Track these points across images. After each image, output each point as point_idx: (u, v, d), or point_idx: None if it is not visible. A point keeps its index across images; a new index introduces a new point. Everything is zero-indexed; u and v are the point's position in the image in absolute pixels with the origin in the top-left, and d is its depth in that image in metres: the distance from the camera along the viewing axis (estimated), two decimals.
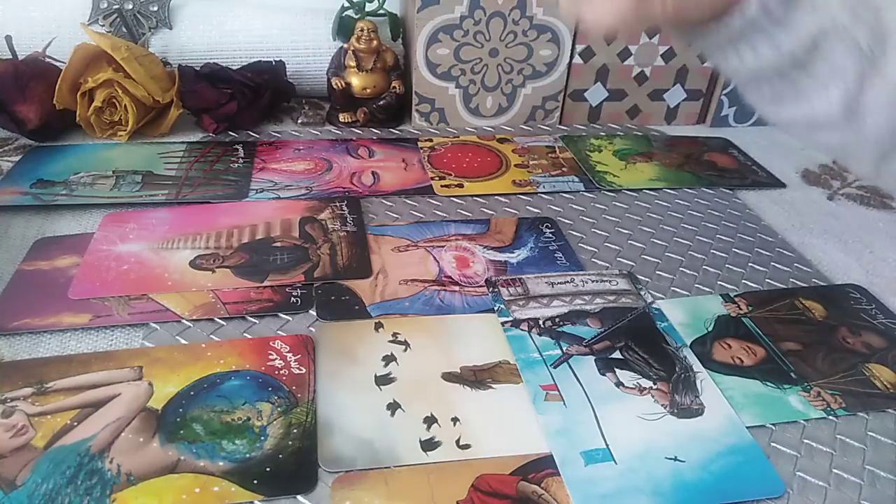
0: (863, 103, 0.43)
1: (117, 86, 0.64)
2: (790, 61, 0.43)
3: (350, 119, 0.73)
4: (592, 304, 0.48)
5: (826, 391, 0.43)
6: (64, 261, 0.50)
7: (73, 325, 0.44)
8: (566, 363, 0.43)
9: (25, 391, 0.39)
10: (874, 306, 0.50)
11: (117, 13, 0.72)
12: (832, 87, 0.43)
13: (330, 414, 0.39)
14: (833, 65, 0.43)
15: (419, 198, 0.61)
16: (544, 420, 0.39)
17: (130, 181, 0.60)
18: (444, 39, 0.70)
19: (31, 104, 0.63)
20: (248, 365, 0.41)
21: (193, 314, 0.45)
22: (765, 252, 0.56)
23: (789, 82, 0.44)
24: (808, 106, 0.45)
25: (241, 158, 0.65)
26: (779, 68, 0.43)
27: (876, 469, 0.38)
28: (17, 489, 0.33)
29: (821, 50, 0.42)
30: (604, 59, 0.75)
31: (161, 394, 0.39)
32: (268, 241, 0.53)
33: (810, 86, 0.44)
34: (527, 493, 0.35)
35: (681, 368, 0.43)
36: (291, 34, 0.75)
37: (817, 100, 0.44)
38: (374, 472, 0.36)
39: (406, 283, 0.50)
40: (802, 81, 0.44)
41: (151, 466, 0.35)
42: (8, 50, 0.67)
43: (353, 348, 0.43)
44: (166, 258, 0.50)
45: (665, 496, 0.35)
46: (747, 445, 0.38)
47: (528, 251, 0.54)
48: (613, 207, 0.62)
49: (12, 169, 0.61)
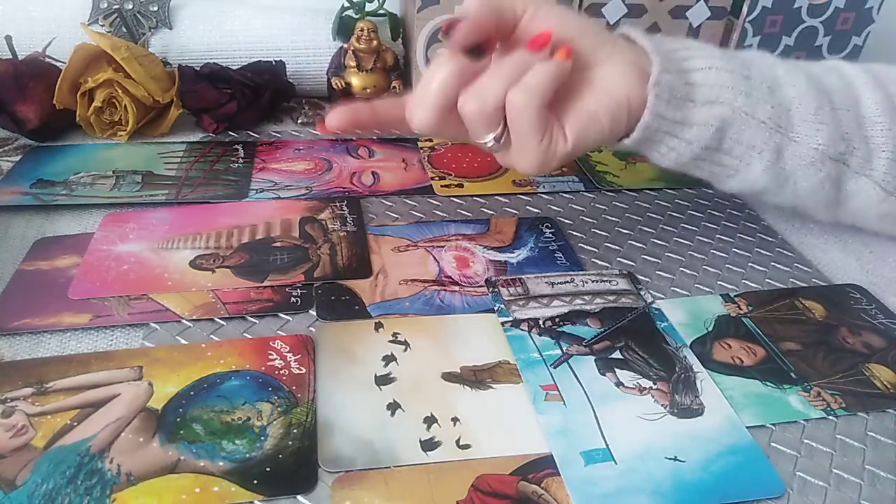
0: (787, 169, 0.48)
1: (117, 86, 0.64)
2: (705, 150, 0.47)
3: None
4: (592, 304, 0.48)
5: (826, 391, 0.43)
6: (64, 261, 0.50)
7: (73, 325, 0.44)
8: (566, 363, 0.43)
9: (25, 391, 0.39)
10: (874, 306, 0.50)
11: (117, 13, 0.72)
12: (753, 162, 0.48)
13: (330, 414, 0.39)
14: (746, 144, 0.47)
15: (419, 198, 0.61)
16: (544, 420, 0.39)
17: (130, 181, 0.60)
18: (444, 39, 0.70)
19: (31, 104, 0.63)
20: (248, 365, 0.41)
21: (193, 314, 0.45)
22: (765, 252, 0.56)
23: (714, 164, 0.48)
24: (740, 179, 0.49)
25: (241, 158, 0.65)
26: (698, 156, 0.47)
27: (876, 469, 0.38)
28: (17, 489, 0.33)
29: (730, 135, 0.47)
30: None
31: (161, 394, 0.39)
32: (268, 241, 0.53)
33: (734, 163, 0.48)
34: (527, 493, 0.35)
35: (681, 368, 0.43)
36: (291, 34, 0.75)
37: (745, 174, 0.48)
38: (374, 472, 0.36)
39: (406, 283, 0.50)
40: (725, 161, 0.48)
41: (151, 466, 0.35)
42: (8, 50, 0.67)
43: (353, 348, 0.43)
44: (166, 258, 0.50)
45: (665, 496, 0.35)
46: (747, 445, 0.38)
47: (528, 251, 0.54)
48: (613, 207, 0.62)
49: (12, 169, 0.61)
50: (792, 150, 0.47)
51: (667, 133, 0.45)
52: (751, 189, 0.50)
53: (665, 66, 0.43)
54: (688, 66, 0.45)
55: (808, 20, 0.72)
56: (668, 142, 0.46)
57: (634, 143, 0.46)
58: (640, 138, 0.45)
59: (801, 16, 0.72)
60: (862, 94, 0.48)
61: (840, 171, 0.48)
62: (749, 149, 0.46)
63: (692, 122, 0.45)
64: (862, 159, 0.48)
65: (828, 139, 0.46)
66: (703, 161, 0.48)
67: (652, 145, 0.47)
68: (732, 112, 0.45)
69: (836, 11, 0.72)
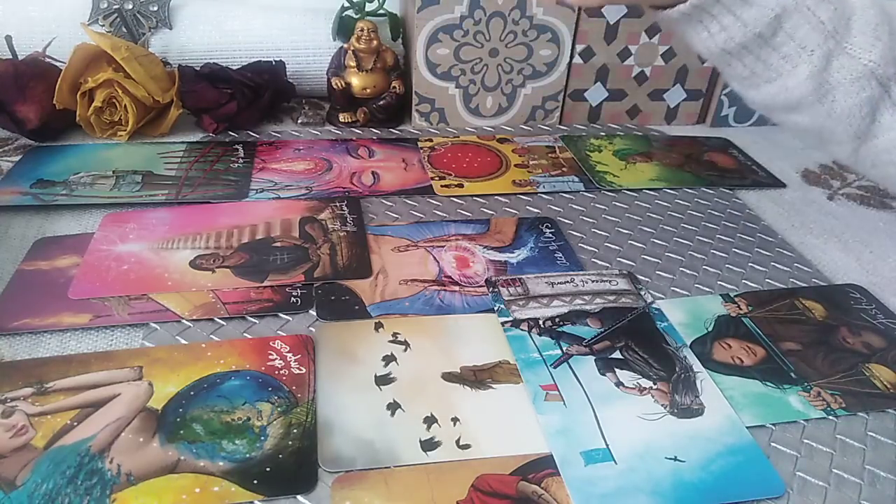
0: (830, 81, 0.46)
1: (117, 86, 0.64)
2: (757, 38, 0.44)
3: (350, 119, 0.73)
4: (592, 304, 0.48)
5: (826, 391, 0.43)
6: (64, 261, 0.50)
7: (73, 325, 0.44)
8: (566, 363, 0.43)
9: (25, 391, 0.39)
10: (874, 306, 0.50)
11: (117, 13, 0.72)
12: (800, 64, 0.45)
13: (330, 414, 0.39)
14: (799, 42, 0.44)
15: (419, 198, 0.61)
16: (544, 420, 0.39)
17: (130, 181, 0.60)
18: (444, 39, 0.70)
19: (31, 104, 0.63)
20: (248, 365, 0.41)
21: (193, 314, 0.45)
22: (765, 252, 0.56)
23: (759, 60, 0.46)
24: (780, 84, 0.46)
25: (241, 158, 0.65)
26: (747, 45, 0.45)
27: (876, 469, 0.38)
28: (17, 489, 0.33)
29: (785, 28, 0.44)
30: (604, 59, 0.75)
31: (161, 394, 0.39)
32: (268, 241, 0.53)
33: (779, 63, 0.45)
34: (527, 493, 0.35)
35: (681, 368, 0.43)
36: (291, 34, 0.75)
37: (787, 77, 0.46)
38: (374, 472, 0.36)
39: (406, 283, 0.50)
40: (771, 58, 0.45)
41: (151, 466, 0.35)
42: (8, 50, 0.67)
43: (353, 348, 0.43)
44: (166, 258, 0.50)
45: (665, 496, 0.35)
46: (747, 445, 0.38)
47: (528, 251, 0.54)
48: (613, 207, 0.62)
49: (12, 169, 0.61)
50: (841, 61, 0.45)
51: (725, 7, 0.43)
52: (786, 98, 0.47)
53: None
54: None
55: None
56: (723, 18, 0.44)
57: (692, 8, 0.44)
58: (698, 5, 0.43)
59: None
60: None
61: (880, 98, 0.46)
62: (800, 48, 0.44)
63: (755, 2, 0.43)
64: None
65: (879, 57, 0.45)
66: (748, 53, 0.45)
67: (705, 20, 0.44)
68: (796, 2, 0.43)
69: None
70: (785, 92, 0.47)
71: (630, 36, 0.74)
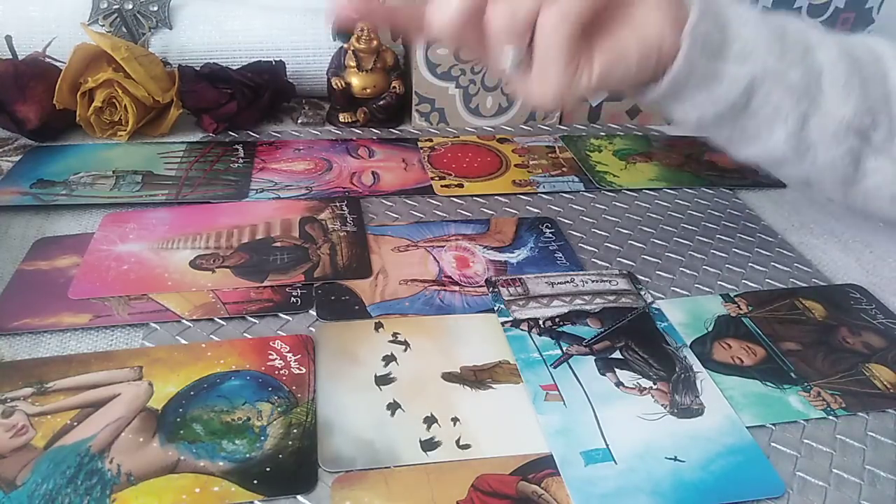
0: (809, 139, 0.47)
1: (117, 86, 0.64)
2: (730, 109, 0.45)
3: (350, 119, 0.73)
4: (592, 304, 0.48)
5: (826, 391, 0.43)
6: (64, 261, 0.50)
7: (73, 325, 0.44)
8: (566, 363, 0.43)
9: (25, 391, 0.39)
10: (874, 306, 0.50)
11: (117, 13, 0.72)
12: (776, 128, 0.46)
13: (330, 414, 0.39)
14: (773, 108, 0.46)
15: (419, 198, 0.61)
16: (544, 420, 0.39)
17: (130, 181, 0.60)
18: None
19: (31, 104, 0.63)
20: (248, 365, 0.41)
21: (193, 314, 0.45)
22: (765, 252, 0.56)
23: (735, 127, 0.47)
24: (761, 145, 0.47)
25: (241, 158, 0.65)
26: (722, 115, 0.46)
27: (876, 469, 0.38)
28: (17, 489, 0.33)
29: (758, 96, 0.45)
30: None
31: (161, 394, 0.39)
32: (268, 241, 0.53)
33: (756, 128, 0.46)
34: (527, 493, 0.35)
35: (681, 368, 0.43)
36: (291, 34, 0.75)
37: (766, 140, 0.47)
38: (374, 472, 0.36)
39: (406, 283, 0.50)
40: (748, 125, 0.46)
41: (151, 466, 0.35)
42: (8, 50, 0.67)
43: (353, 348, 0.43)
44: (166, 258, 0.50)
45: (665, 496, 0.35)
46: (747, 445, 0.38)
47: (528, 251, 0.54)
48: (613, 207, 0.62)
49: (12, 169, 0.61)
50: (817, 119, 0.45)
51: (696, 87, 0.44)
52: (768, 157, 0.48)
53: (704, 14, 0.42)
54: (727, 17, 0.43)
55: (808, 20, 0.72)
56: (694, 96, 0.44)
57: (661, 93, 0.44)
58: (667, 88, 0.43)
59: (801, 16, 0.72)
60: (891, 70, 0.47)
61: (861, 147, 0.47)
62: (775, 113, 0.45)
63: (723, 76, 0.43)
64: (885, 135, 0.46)
65: (855, 110, 0.45)
66: (726, 122, 0.46)
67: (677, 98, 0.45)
68: (764, 71, 0.43)
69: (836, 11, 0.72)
70: (766, 152, 0.47)
71: None
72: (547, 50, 0.39)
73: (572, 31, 0.38)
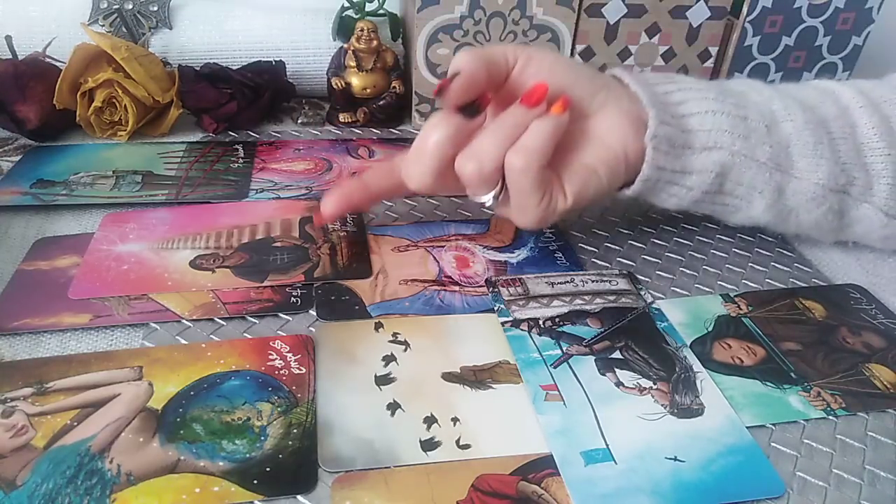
0: (789, 204, 0.49)
1: (117, 86, 0.64)
2: (706, 194, 0.47)
3: (350, 119, 0.73)
4: (592, 304, 0.48)
5: (826, 391, 0.43)
6: (64, 261, 0.50)
7: (73, 325, 0.44)
8: (566, 363, 0.43)
9: (25, 391, 0.39)
10: (874, 306, 0.50)
11: (117, 13, 0.72)
12: (754, 201, 0.48)
13: (330, 414, 0.39)
14: (747, 186, 0.48)
15: (419, 198, 0.61)
16: (544, 420, 0.39)
17: (130, 181, 0.60)
18: (444, 39, 0.70)
19: (31, 104, 0.63)
20: (248, 365, 0.41)
21: (193, 314, 0.45)
22: (765, 252, 0.56)
23: (715, 206, 0.49)
24: (743, 217, 0.50)
25: (241, 158, 0.65)
26: (699, 200, 0.48)
27: (876, 469, 0.38)
28: (17, 489, 0.33)
29: (731, 179, 0.47)
30: (604, 59, 0.75)
31: (161, 394, 0.39)
32: (268, 241, 0.53)
33: (735, 203, 0.48)
34: (527, 493, 0.35)
35: (681, 368, 0.43)
36: (291, 34, 0.75)
37: (748, 212, 0.49)
38: (374, 472, 0.36)
39: (406, 283, 0.50)
40: (727, 203, 0.49)
41: (151, 466, 0.35)
42: (8, 50, 0.67)
43: (353, 348, 0.43)
44: (166, 258, 0.50)
45: (665, 496, 0.35)
46: (747, 445, 0.38)
47: (528, 251, 0.54)
48: (613, 207, 0.62)
49: (12, 169, 0.61)
50: (793, 187, 0.46)
51: (668, 182, 0.46)
52: (754, 224, 0.50)
53: (662, 117, 0.43)
54: (684, 112, 0.45)
55: (808, 20, 0.72)
56: (668, 189, 0.46)
57: (634, 193, 0.46)
58: (640, 190, 0.46)
59: (801, 16, 0.72)
60: (858, 120, 0.48)
61: (842, 201, 0.48)
62: (750, 189, 0.46)
63: (691, 169, 0.45)
64: (863, 187, 0.48)
65: (828, 173, 0.46)
66: (704, 203, 0.48)
67: (653, 194, 0.47)
68: (731, 156, 0.45)
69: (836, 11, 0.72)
70: (751, 220, 0.50)
71: (630, 36, 0.74)
72: (520, 189, 0.41)
73: (539, 168, 0.41)
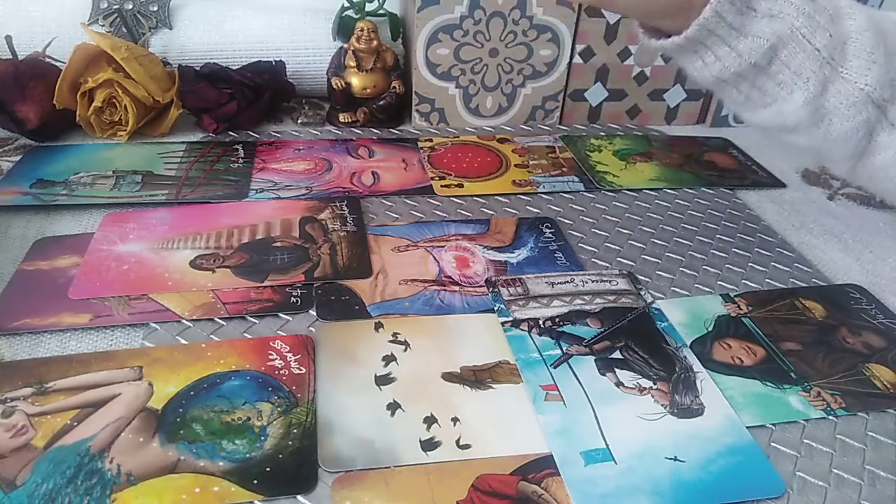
0: (827, 106, 0.46)
1: (117, 86, 0.64)
2: (752, 68, 0.45)
3: (350, 119, 0.73)
4: (592, 304, 0.48)
5: (826, 391, 0.43)
6: (64, 261, 0.50)
7: (73, 325, 0.44)
8: (566, 363, 0.43)
9: (25, 391, 0.39)
10: (874, 306, 0.50)
11: (117, 13, 0.72)
12: (796, 91, 0.45)
13: (330, 414, 0.39)
14: (794, 70, 0.44)
15: (419, 198, 0.61)
16: (544, 420, 0.39)
17: (130, 181, 0.60)
18: (444, 39, 0.70)
19: (31, 104, 0.63)
20: (248, 365, 0.41)
21: (193, 314, 0.45)
22: (765, 252, 0.56)
23: (754, 87, 0.46)
24: (775, 109, 0.47)
25: (241, 158, 0.65)
26: (742, 74, 0.45)
27: (876, 469, 0.38)
28: (17, 489, 0.33)
29: (781, 56, 0.44)
30: (604, 58, 0.75)
31: (161, 394, 0.39)
32: (268, 241, 0.53)
33: (774, 89, 0.45)
34: (527, 493, 0.35)
35: (681, 368, 0.43)
36: (291, 34, 0.75)
37: (783, 103, 0.46)
38: (374, 472, 0.36)
39: (406, 283, 0.50)
40: (767, 85, 0.46)
41: (151, 466, 0.35)
42: (8, 50, 0.67)
43: (353, 348, 0.43)
44: (166, 258, 0.50)
45: (665, 496, 0.35)
46: (747, 445, 0.38)
47: (528, 251, 0.54)
48: (613, 207, 0.62)
49: (12, 169, 0.61)
50: (837, 87, 0.45)
51: (720, 38, 0.43)
52: (782, 122, 0.47)
53: None
54: None
55: None
56: (717, 49, 0.44)
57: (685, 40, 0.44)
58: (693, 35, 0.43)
59: None
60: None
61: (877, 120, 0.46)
62: (795, 76, 0.44)
63: (749, 31, 0.43)
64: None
65: (877, 80, 0.45)
66: (744, 81, 0.46)
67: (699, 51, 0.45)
68: (791, 31, 0.43)
69: None
70: (781, 116, 0.47)
71: (630, 36, 0.74)
72: None
73: None
